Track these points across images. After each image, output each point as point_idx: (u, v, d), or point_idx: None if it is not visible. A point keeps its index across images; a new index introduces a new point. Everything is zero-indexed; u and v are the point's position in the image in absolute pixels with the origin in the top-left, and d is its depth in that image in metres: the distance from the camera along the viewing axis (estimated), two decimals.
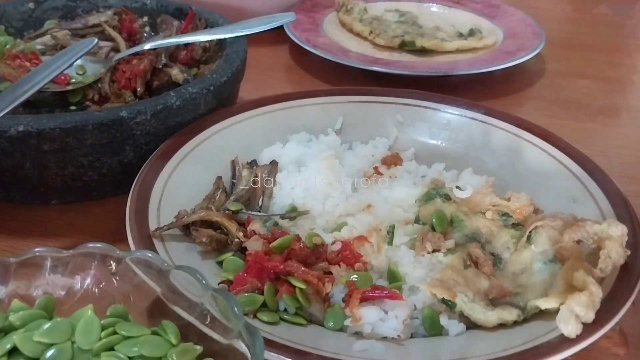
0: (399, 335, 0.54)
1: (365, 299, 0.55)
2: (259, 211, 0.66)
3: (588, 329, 0.51)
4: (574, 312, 0.51)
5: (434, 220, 0.62)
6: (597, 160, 0.71)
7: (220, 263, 0.60)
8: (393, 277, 0.58)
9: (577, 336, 0.51)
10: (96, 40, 0.79)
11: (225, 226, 0.62)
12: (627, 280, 0.56)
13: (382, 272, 0.60)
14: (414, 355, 0.54)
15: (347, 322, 0.55)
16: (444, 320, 0.55)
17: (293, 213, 0.64)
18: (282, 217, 0.64)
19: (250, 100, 0.81)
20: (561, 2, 1.48)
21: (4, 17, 0.95)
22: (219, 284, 0.58)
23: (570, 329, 0.51)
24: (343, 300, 0.56)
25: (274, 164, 0.70)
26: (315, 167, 0.68)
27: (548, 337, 0.52)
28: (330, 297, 0.57)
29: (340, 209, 0.65)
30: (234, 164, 0.72)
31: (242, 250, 0.61)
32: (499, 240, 0.60)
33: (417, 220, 0.64)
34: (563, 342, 0.51)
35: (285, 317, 0.56)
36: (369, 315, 0.54)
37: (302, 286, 0.55)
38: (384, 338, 0.54)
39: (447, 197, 0.64)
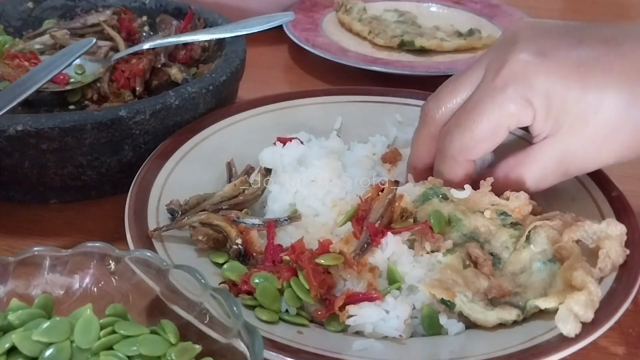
0: (400, 335, 0.54)
1: (350, 301, 0.55)
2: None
3: (587, 328, 0.51)
4: (572, 312, 0.51)
5: (431, 220, 0.61)
6: None
7: (216, 263, 0.60)
8: (392, 276, 0.58)
9: (576, 335, 0.51)
10: (95, 40, 0.79)
11: (225, 231, 0.61)
12: (626, 280, 0.56)
13: (381, 271, 0.59)
14: (413, 354, 0.54)
15: (348, 322, 0.55)
16: (443, 320, 0.55)
17: (286, 220, 0.63)
18: (276, 224, 0.62)
19: (250, 99, 0.81)
20: (560, 2, 1.48)
21: (3, 17, 0.95)
22: (220, 283, 0.58)
23: (569, 328, 0.51)
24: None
25: (268, 170, 0.69)
26: (317, 168, 0.68)
27: (547, 337, 0.52)
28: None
29: (341, 208, 0.65)
30: (229, 166, 0.72)
31: (239, 258, 0.61)
32: (497, 239, 0.60)
33: (415, 221, 0.63)
34: (562, 341, 0.51)
35: (286, 317, 0.56)
36: (370, 315, 0.54)
37: (307, 286, 0.55)
38: (385, 338, 0.54)
39: (445, 197, 0.64)
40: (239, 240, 0.61)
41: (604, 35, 0.58)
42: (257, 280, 0.56)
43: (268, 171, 0.68)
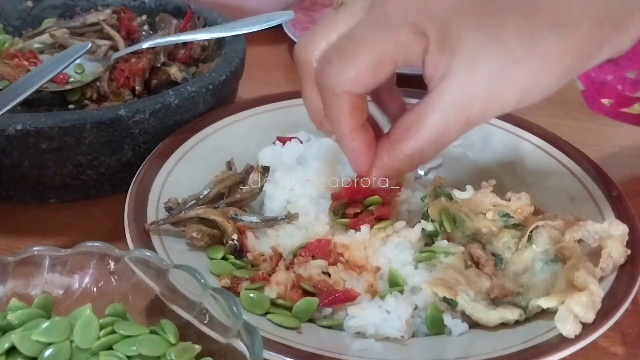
0: (402, 336, 0.54)
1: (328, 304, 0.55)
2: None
3: (587, 328, 0.51)
4: (572, 312, 0.51)
5: (443, 219, 0.61)
6: (596, 160, 0.71)
7: (213, 258, 0.60)
8: (394, 279, 0.58)
9: (576, 335, 0.51)
10: (90, 44, 0.80)
11: (222, 226, 0.61)
12: (626, 280, 0.56)
13: (382, 273, 0.59)
14: (413, 354, 0.54)
15: (349, 323, 0.54)
16: (447, 320, 0.55)
17: (283, 218, 0.63)
18: (273, 223, 0.63)
19: (249, 99, 0.81)
20: None
21: (2, 16, 0.94)
22: (220, 280, 0.58)
23: (568, 328, 0.51)
24: None
25: (265, 168, 0.69)
26: (316, 167, 0.68)
27: (547, 337, 0.52)
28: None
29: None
30: (229, 165, 0.72)
31: (235, 253, 0.61)
32: (499, 240, 0.60)
33: (424, 217, 0.63)
34: (562, 341, 0.51)
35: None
36: (371, 316, 0.54)
37: (313, 291, 0.56)
38: (386, 338, 0.54)
39: (450, 197, 0.64)
40: (234, 236, 0.61)
41: None
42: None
43: (266, 169, 0.68)
